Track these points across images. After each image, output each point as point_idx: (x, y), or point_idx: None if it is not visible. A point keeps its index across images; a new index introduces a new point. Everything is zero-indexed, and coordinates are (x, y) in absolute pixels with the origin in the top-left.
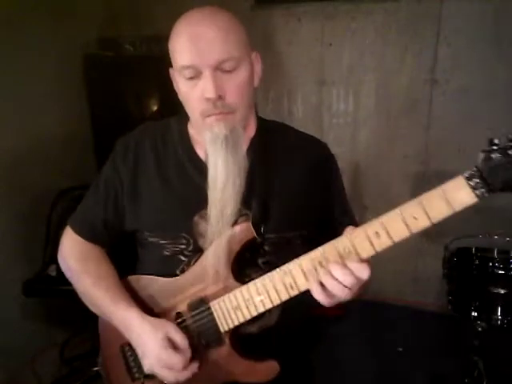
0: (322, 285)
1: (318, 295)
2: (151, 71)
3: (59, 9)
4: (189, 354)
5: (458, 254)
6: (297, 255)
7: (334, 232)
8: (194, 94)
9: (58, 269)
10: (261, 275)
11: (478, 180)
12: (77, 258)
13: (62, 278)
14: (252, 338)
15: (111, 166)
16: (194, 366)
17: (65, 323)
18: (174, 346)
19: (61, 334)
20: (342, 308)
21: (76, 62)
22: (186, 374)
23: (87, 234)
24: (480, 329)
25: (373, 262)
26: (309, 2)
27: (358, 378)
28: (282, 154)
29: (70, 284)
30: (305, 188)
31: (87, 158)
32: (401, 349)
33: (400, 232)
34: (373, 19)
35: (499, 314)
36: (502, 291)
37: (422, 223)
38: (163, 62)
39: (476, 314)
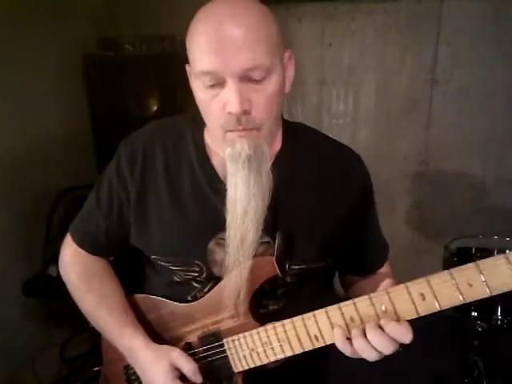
0: (349, 340)
1: (344, 350)
2: (151, 71)
3: (59, 9)
4: (199, 380)
5: (458, 254)
6: (319, 282)
7: (363, 260)
8: (214, 104)
9: (58, 269)
10: (278, 305)
11: None
12: (79, 273)
13: (61, 279)
14: (266, 375)
15: (116, 174)
16: None
17: (65, 323)
18: (180, 374)
19: (61, 334)
20: None
21: (76, 62)
22: None
23: (90, 246)
24: (480, 329)
25: None
26: (309, 2)
27: (358, 377)
28: (313, 171)
29: None
30: (336, 213)
31: (87, 158)
32: (401, 349)
33: (451, 297)
34: (373, 19)
35: (499, 314)
36: None
37: (480, 292)
38: (163, 62)
39: (476, 314)
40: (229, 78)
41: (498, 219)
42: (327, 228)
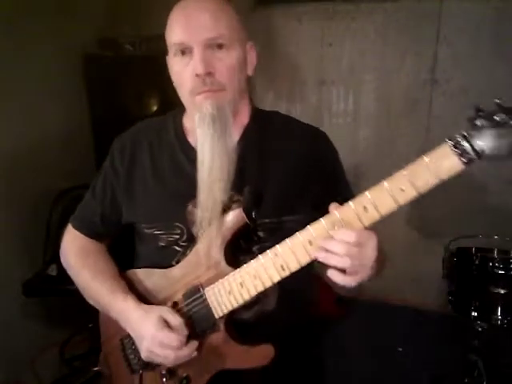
0: (323, 263)
1: (335, 276)
2: (151, 71)
3: (59, 9)
4: (185, 332)
5: (458, 254)
6: None
7: None
8: (185, 73)
9: (58, 268)
10: None
11: (464, 147)
12: (76, 253)
13: (62, 278)
14: (249, 325)
15: (109, 164)
16: (194, 344)
17: (65, 323)
18: (169, 326)
19: (61, 334)
20: (343, 308)
21: (76, 62)
22: (185, 352)
23: (86, 229)
24: (480, 329)
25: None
26: (309, 2)
27: (358, 377)
28: (278, 141)
29: (70, 284)
30: (302, 175)
31: (87, 158)
32: (401, 349)
33: (387, 205)
34: (373, 19)
35: (499, 313)
36: (502, 291)
37: (410, 195)
38: (163, 62)
39: (476, 314)
40: (195, 46)
41: (498, 219)
42: (294, 185)
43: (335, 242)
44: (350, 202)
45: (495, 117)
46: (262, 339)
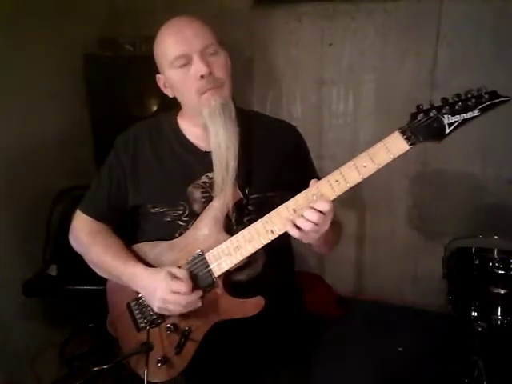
0: (297, 227)
1: (294, 234)
2: (151, 71)
3: (59, 9)
4: (190, 281)
5: (458, 254)
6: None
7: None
8: (188, 78)
9: (58, 269)
10: None
11: (409, 133)
12: (86, 233)
13: (62, 278)
14: (242, 286)
15: (114, 157)
16: (198, 292)
17: (65, 323)
18: (176, 278)
19: (61, 334)
20: (343, 308)
21: (76, 62)
22: (193, 297)
23: (94, 212)
24: (480, 329)
25: (373, 262)
26: (309, 2)
27: (358, 377)
28: (260, 132)
29: (70, 284)
30: (280, 159)
31: (87, 158)
32: (401, 349)
33: (354, 178)
34: (373, 19)
35: (499, 314)
36: (502, 291)
37: (370, 169)
38: None
39: (476, 314)
40: (194, 54)
41: (498, 219)
42: (275, 168)
43: (311, 212)
44: (326, 177)
45: (430, 113)
46: (253, 296)
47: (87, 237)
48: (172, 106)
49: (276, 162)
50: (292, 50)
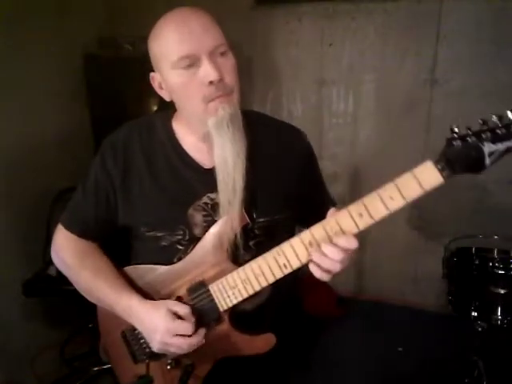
0: (316, 263)
1: (316, 273)
2: (151, 71)
3: (59, 8)
4: (193, 319)
5: (458, 254)
6: (284, 234)
7: (316, 210)
8: (194, 82)
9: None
10: (252, 255)
11: (444, 164)
12: (72, 254)
13: (62, 278)
14: (247, 316)
15: (101, 168)
16: (202, 331)
17: (65, 323)
18: (178, 317)
19: (61, 333)
20: (343, 308)
21: (76, 62)
22: (196, 339)
23: (80, 230)
24: (480, 329)
25: (373, 262)
26: (309, 2)
27: (358, 378)
28: (264, 144)
29: (70, 284)
30: (286, 175)
31: (87, 159)
32: (401, 349)
33: (380, 211)
34: (373, 19)
35: (499, 313)
36: (502, 291)
37: (398, 202)
38: None
39: (476, 313)
40: (203, 55)
41: (498, 219)
42: (282, 186)
43: (335, 249)
44: (347, 209)
45: (468, 138)
46: (259, 328)
47: (74, 259)
48: (173, 106)
49: (285, 179)
50: (292, 50)
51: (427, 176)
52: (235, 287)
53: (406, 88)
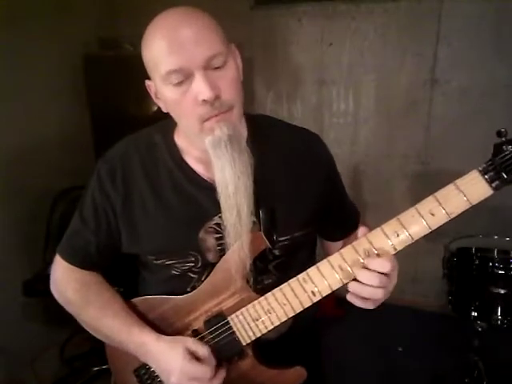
0: (354, 293)
1: (356, 303)
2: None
3: (59, 8)
4: (213, 362)
5: (458, 254)
6: (305, 251)
7: (339, 223)
8: (186, 100)
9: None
10: (272, 279)
11: (492, 173)
12: (74, 288)
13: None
14: (271, 345)
15: (99, 190)
16: (222, 373)
17: (65, 323)
18: (196, 358)
19: (61, 334)
20: (342, 308)
21: (76, 62)
22: (217, 381)
23: (81, 261)
24: (480, 329)
25: None
26: (309, 2)
27: (358, 377)
28: (277, 154)
29: None
30: (304, 187)
31: (87, 159)
32: (401, 349)
33: (419, 230)
34: (373, 19)
35: (499, 314)
36: (502, 291)
37: (441, 219)
38: None
39: (476, 314)
40: (195, 70)
41: (498, 219)
42: (301, 201)
43: (370, 274)
44: (380, 228)
45: None
46: (283, 358)
47: (76, 294)
48: None
49: (301, 193)
50: (292, 50)
51: (473, 188)
52: (258, 319)
53: (406, 88)
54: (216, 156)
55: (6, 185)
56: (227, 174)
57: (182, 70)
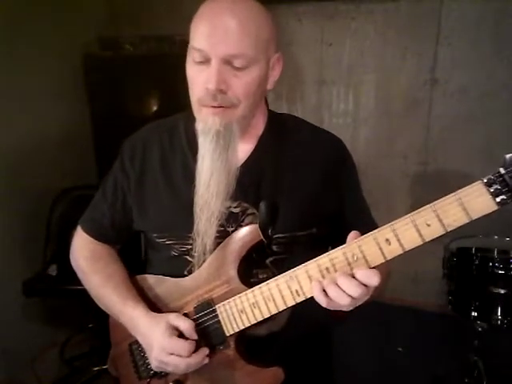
0: (325, 292)
1: (322, 302)
2: (151, 71)
3: (59, 8)
4: (194, 336)
5: (458, 253)
6: (309, 252)
7: (346, 231)
8: (198, 79)
9: (58, 269)
10: (268, 274)
11: (499, 186)
12: (86, 257)
13: (62, 278)
14: (259, 341)
15: (119, 167)
16: (204, 351)
17: (65, 323)
18: (178, 334)
19: (61, 334)
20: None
21: (76, 62)
22: (195, 359)
23: (96, 233)
24: (480, 329)
25: None
26: (309, 2)
27: (359, 378)
28: (295, 151)
29: (70, 284)
30: (317, 187)
31: (87, 158)
32: (401, 349)
33: (412, 240)
34: (373, 19)
35: (499, 314)
36: (502, 291)
37: (436, 231)
38: (163, 62)
39: (476, 313)
40: (214, 58)
41: (498, 219)
42: (307, 200)
43: (349, 282)
44: (372, 233)
45: None
46: (271, 358)
47: (87, 261)
48: (173, 106)
49: (312, 192)
50: (292, 50)
51: (476, 201)
52: (243, 311)
53: (406, 88)
54: (201, 144)
55: (6, 185)
56: (205, 164)
57: (203, 53)
